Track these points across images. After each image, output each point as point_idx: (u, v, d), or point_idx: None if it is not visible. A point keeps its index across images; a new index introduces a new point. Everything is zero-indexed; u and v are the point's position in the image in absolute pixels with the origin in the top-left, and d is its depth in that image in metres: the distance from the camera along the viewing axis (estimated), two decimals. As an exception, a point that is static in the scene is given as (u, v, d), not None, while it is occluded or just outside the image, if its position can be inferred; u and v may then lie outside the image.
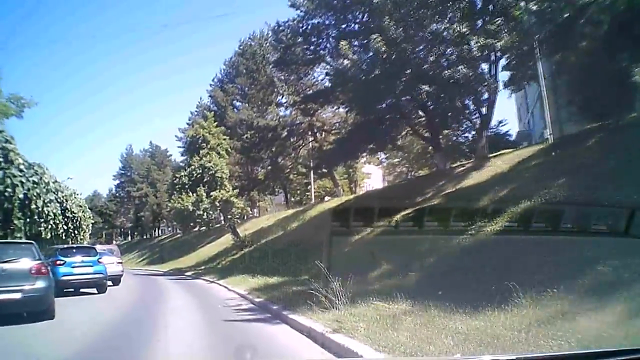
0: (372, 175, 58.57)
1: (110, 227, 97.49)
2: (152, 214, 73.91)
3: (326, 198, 48.28)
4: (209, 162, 32.74)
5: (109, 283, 20.89)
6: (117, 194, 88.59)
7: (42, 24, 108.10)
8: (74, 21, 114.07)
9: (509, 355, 3.10)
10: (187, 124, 53.32)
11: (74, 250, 17.12)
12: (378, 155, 45.42)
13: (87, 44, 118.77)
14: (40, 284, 9.83)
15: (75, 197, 28.18)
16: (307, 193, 56.30)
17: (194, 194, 31.67)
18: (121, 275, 21.86)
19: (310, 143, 40.29)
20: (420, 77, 20.83)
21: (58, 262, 16.03)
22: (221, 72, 53.45)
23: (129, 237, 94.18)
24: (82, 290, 17.04)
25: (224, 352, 7.21)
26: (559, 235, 8.30)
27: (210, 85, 51.04)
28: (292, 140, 38.53)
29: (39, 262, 10.22)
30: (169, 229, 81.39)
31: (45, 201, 24.79)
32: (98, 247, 30.28)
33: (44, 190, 22.67)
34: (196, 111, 56.96)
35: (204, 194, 31.67)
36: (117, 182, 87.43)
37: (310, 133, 38.91)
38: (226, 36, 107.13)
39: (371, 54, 21.18)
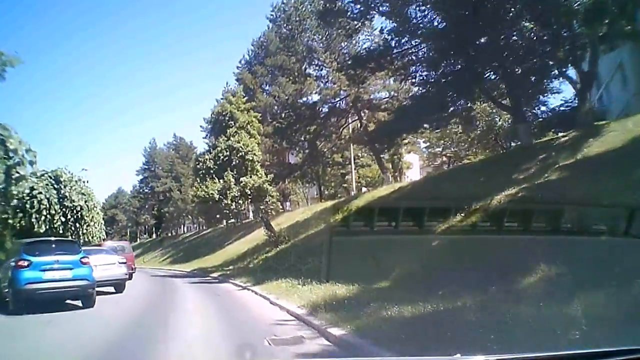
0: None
1: (134, 224, 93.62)
2: (176, 209, 69.19)
3: (363, 189, 42.83)
4: (238, 143, 27.37)
5: (112, 289, 15.80)
6: (141, 190, 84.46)
7: (66, 15, 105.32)
8: (97, 16, 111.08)
9: (508, 355, 2.85)
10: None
11: (47, 246, 11.64)
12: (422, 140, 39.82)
13: (107, 37, 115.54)
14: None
15: (76, 183, 23.03)
16: (344, 184, 50.75)
17: (221, 180, 26.34)
18: (125, 279, 16.51)
19: (353, 124, 34.67)
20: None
21: (21, 264, 10.72)
22: (249, 53, 48.37)
23: (153, 235, 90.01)
24: (65, 301, 11.73)
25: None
26: None
27: (238, 67, 45.74)
28: (333, 119, 32.88)
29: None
30: (194, 225, 76.66)
31: (34, 187, 19.76)
32: (108, 244, 25.49)
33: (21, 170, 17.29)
34: (222, 98, 52.33)
35: (233, 180, 26.33)
36: (141, 177, 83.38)
37: (354, 111, 33.21)
38: (254, 18, 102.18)
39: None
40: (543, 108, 24.97)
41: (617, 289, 5.91)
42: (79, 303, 11.94)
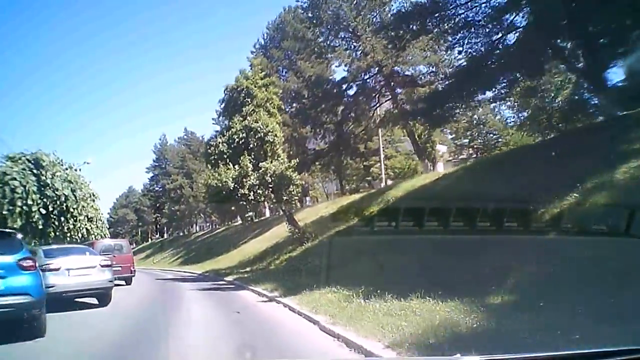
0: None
1: (144, 224, 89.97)
2: (187, 207, 65.17)
3: (389, 182, 38.35)
4: (256, 122, 23.05)
5: (94, 301, 11.64)
6: (151, 188, 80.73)
7: (73, 10, 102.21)
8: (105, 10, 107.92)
9: (508, 355, 2.84)
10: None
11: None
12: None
13: (116, 31, 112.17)
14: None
15: (62, 169, 18.89)
16: (367, 178, 46.27)
17: (236, 167, 22.08)
18: (110, 287, 12.17)
19: (386, 103, 30.21)
20: None
21: None
22: (264, 36, 44.17)
23: (165, 235, 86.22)
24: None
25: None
26: None
27: (252, 52, 41.38)
28: (362, 99, 28.49)
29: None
30: (207, 224, 72.67)
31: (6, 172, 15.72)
32: (102, 243, 21.40)
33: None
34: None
35: (250, 166, 22.03)
36: (151, 175, 79.65)
37: (386, 89, 28.76)
38: (266, 8, 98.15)
39: None
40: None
41: None
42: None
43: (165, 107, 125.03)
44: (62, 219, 18.31)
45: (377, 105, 29.68)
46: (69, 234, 18.78)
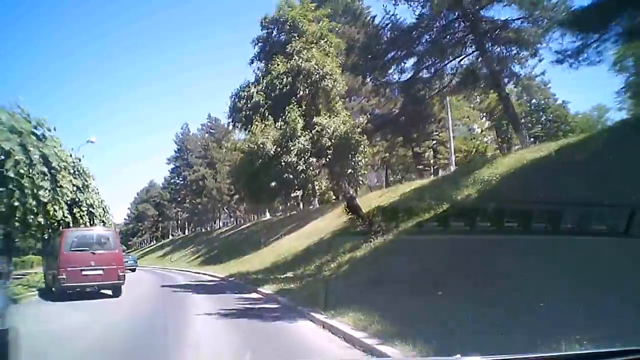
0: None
1: (165, 219, 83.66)
2: (210, 200, 58.29)
3: (439, 172, 30.66)
4: (308, 62, 15.74)
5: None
6: (172, 180, 74.22)
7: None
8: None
9: (508, 355, 2.74)
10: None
11: None
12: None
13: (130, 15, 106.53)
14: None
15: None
16: (419, 166, 38.62)
17: (278, 123, 14.86)
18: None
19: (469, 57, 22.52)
20: None
21: None
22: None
23: (186, 231, 79.73)
24: None
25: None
26: None
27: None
28: (445, 40, 21.04)
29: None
30: (231, 219, 65.70)
31: None
32: (78, 232, 14.32)
33: None
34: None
35: (300, 122, 14.76)
36: (172, 166, 73.00)
37: (474, 36, 21.06)
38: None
39: None
40: None
41: None
42: None
43: (188, 94, 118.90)
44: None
45: (462, 56, 22.03)
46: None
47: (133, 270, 33.24)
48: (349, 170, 15.38)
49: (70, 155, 17.62)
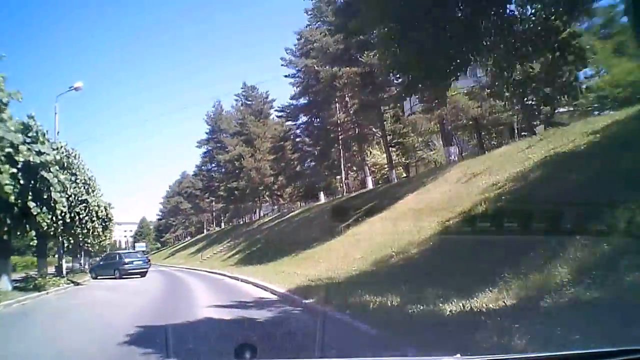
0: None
1: (199, 211, 74.69)
2: (249, 185, 48.27)
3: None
4: None
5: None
6: (203, 167, 64.82)
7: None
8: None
9: (508, 355, 2.85)
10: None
11: None
12: None
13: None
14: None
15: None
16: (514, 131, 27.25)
17: None
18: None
19: None
20: None
21: None
22: None
23: (222, 224, 70.43)
24: None
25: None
26: None
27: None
28: None
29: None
30: (275, 207, 55.62)
31: None
32: None
33: None
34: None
35: None
36: (204, 150, 63.33)
37: None
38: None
39: None
40: None
41: None
42: None
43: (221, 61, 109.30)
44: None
45: None
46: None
47: (143, 274, 23.61)
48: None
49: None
